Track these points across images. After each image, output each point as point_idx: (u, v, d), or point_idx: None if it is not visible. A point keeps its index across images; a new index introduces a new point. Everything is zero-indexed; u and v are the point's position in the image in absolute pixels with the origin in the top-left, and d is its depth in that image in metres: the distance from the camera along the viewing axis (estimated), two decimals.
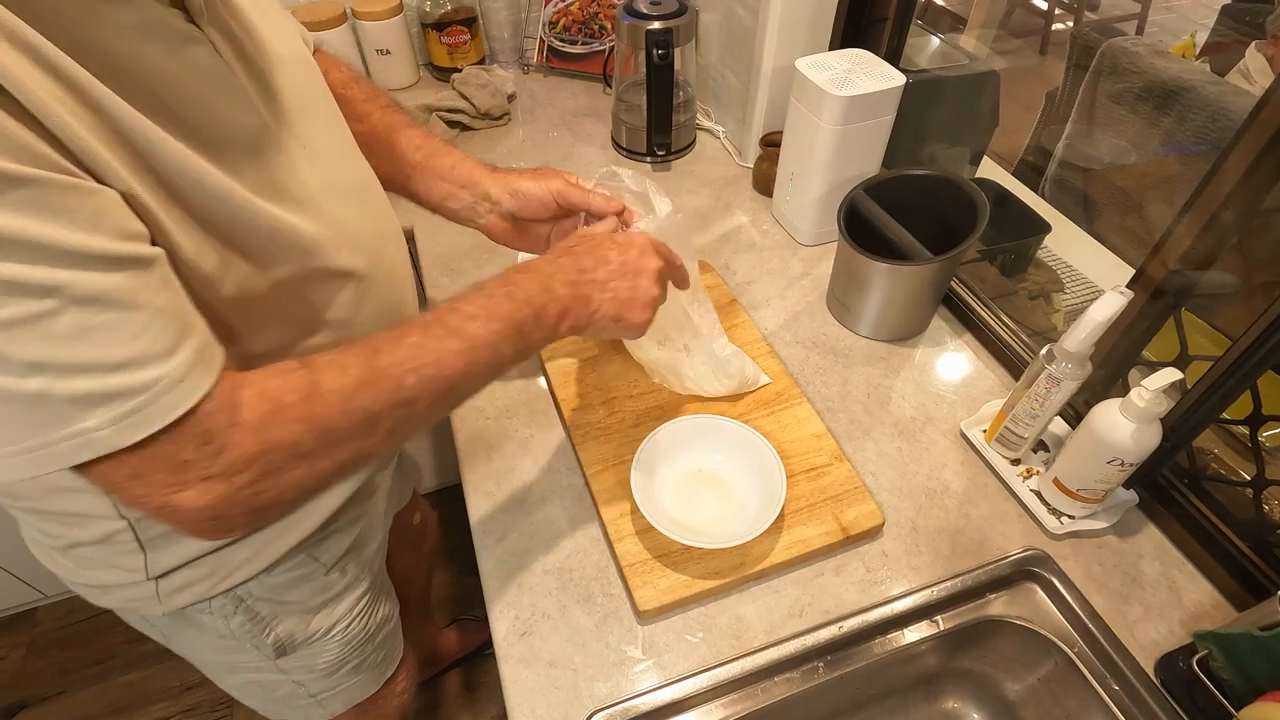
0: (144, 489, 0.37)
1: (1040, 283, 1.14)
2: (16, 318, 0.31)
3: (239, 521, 0.41)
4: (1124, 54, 1.62)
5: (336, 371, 0.42)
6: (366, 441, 0.44)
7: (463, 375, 0.46)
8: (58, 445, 0.34)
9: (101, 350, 0.33)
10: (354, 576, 0.70)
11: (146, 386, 0.35)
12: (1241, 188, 0.57)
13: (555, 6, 1.30)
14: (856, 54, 0.88)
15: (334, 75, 0.67)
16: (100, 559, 0.54)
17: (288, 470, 0.41)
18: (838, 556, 0.66)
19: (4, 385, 0.32)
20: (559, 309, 0.52)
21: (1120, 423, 0.60)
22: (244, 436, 0.38)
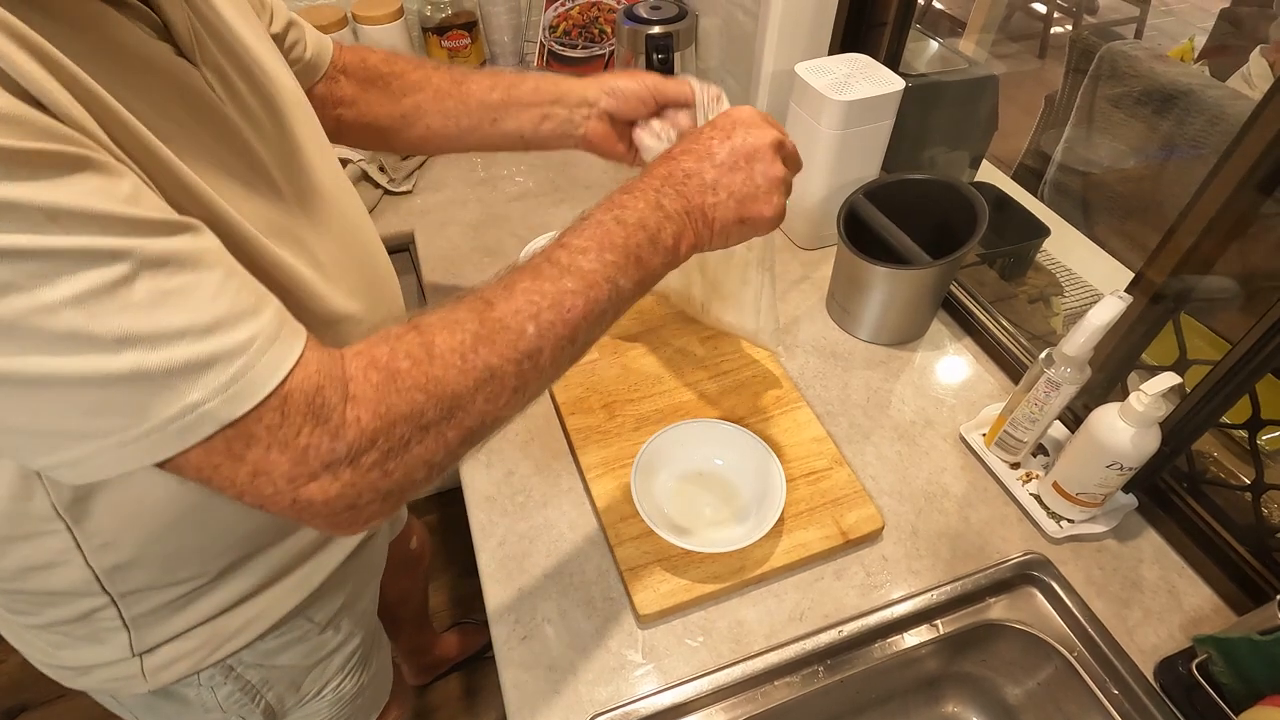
0: (270, 486, 0.34)
1: (1040, 286, 1.14)
2: (92, 289, 0.29)
3: (375, 509, 0.37)
4: (1123, 58, 1.63)
5: (450, 329, 0.38)
6: (494, 403, 0.39)
7: (584, 316, 0.41)
8: (166, 428, 0.31)
9: (187, 313, 0.31)
10: (347, 633, 0.67)
11: (244, 346, 0.32)
12: (1240, 192, 0.57)
13: (555, 10, 1.30)
14: (856, 59, 0.88)
15: (373, 57, 0.66)
16: (80, 638, 0.50)
17: (414, 444, 0.37)
18: (838, 560, 0.66)
19: (96, 366, 0.29)
20: (675, 228, 0.45)
21: (1119, 427, 0.60)
22: (362, 411, 0.35)
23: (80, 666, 0.53)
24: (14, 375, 0.29)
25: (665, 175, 0.46)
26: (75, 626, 0.50)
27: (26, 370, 0.29)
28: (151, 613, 0.50)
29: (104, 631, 0.50)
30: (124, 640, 0.51)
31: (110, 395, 0.30)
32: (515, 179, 1.11)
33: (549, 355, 0.41)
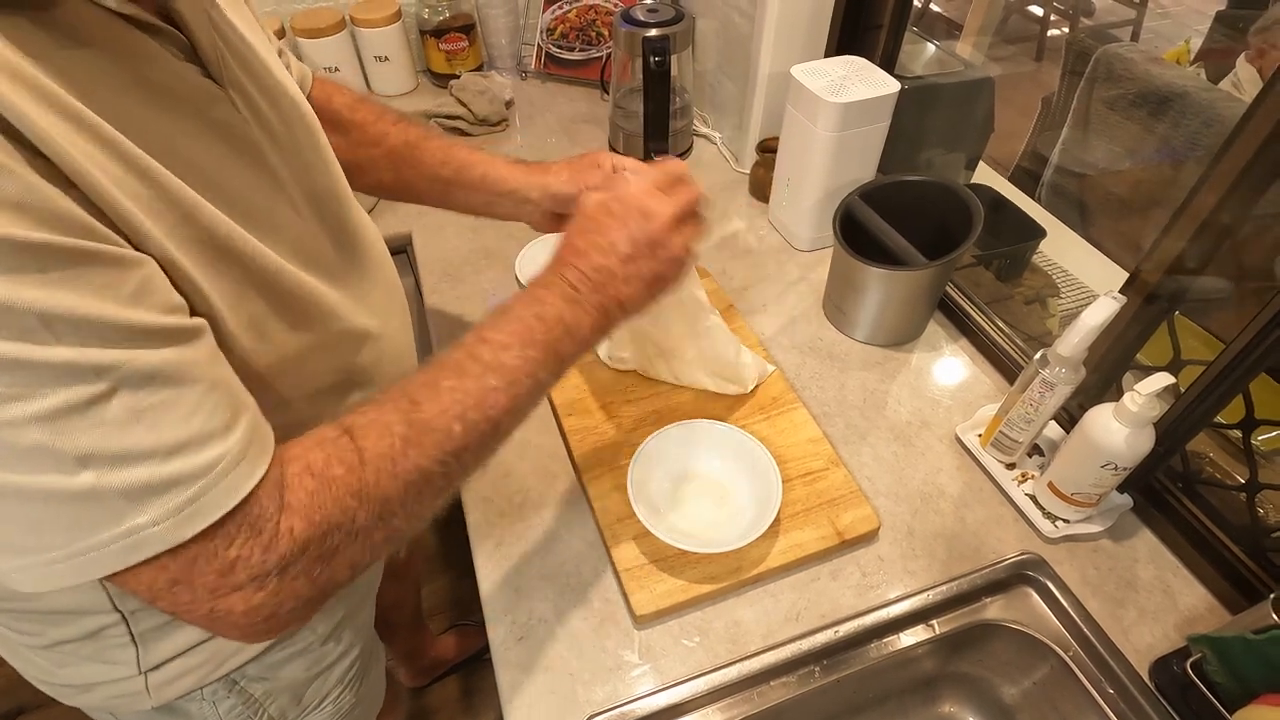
0: (188, 595, 0.33)
1: (1035, 287, 1.15)
2: (65, 405, 0.28)
3: (293, 616, 0.37)
4: (1119, 60, 1.63)
5: (379, 433, 0.39)
6: (420, 503, 0.41)
7: (507, 411, 0.43)
8: (107, 548, 0.30)
9: (157, 433, 0.31)
10: (348, 644, 0.68)
11: (207, 469, 0.32)
12: (1232, 194, 0.58)
13: (553, 13, 1.31)
14: (852, 61, 0.89)
15: (338, 99, 0.67)
16: (85, 656, 0.50)
17: (343, 550, 0.37)
18: (834, 561, 0.67)
19: (51, 484, 0.29)
20: (591, 321, 0.48)
21: (1114, 427, 0.60)
22: (295, 521, 0.35)
23: (83, 684, 0.52)
24: None
25: (579, 273, 0.48)
26: (81, 645, 0.49)
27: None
28: (160, 628, 0.50)
29: (111, 649, 0.50)
30: (131, 656, 0.50)
31: (57, 512, 0.29)
32: None
33: (473, 451, 0.42)
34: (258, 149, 0.43)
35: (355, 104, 0.68)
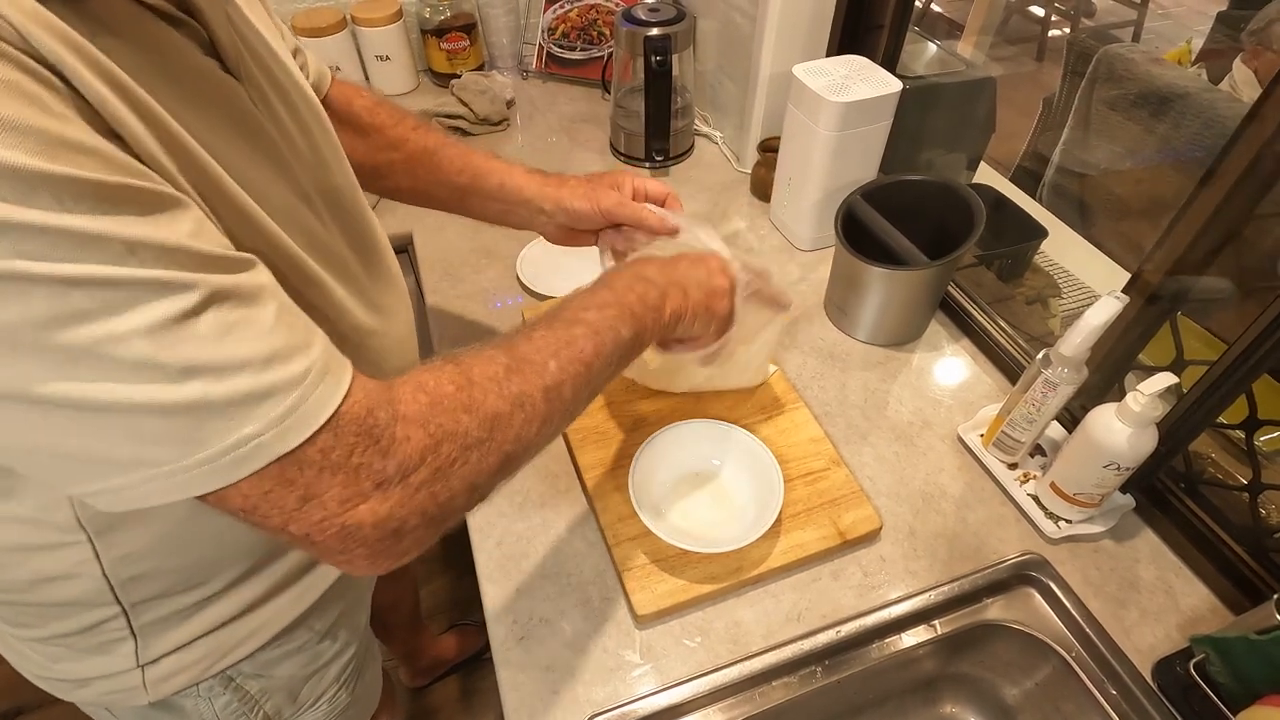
0: (319, 511, 0.34)
1: (1037, 287, 1.15)
2: (163, 319, 0.29)
3: (417, 535, 0.38)
4: (1120, 60, 1.63)
5: (484, 361, 0.41)
6: (527, 429, 0.42)
7: (594, 356, 0.46)
8: (222, 458, 0.31)
9: (248, 346, 0.32)
10: (344, 643, 0.67)
11: (299, 379, 0.33)
12: (1235, 195, 0.57)
13: (554, 13, 1.30)
14: (853, 60, 0.89)
15: (358, 102, 0.67)
16: (82, 649, 0.50)
17: (459, 464, 0.38)
18: (835, 561, 0.66)
19: (161, 395, 0.29)
20: (658, 293, 0.52)
21: (1116, 427, 0.60)
22: (411, 430, 0.36)
23: (79, 679, 0.52)
24: (78, 400, 0.29)
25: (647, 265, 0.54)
26: (79, 638, 0.50)
27: (91, 396, 0.28)
28: (159, 621, 0.50)
29: (109, 643, 0.50)
30: (129, 650, 0.51)
31: (170, 424, 0.30)
32: None
33: (569, 389, 0.44)
34: (274, 145, 0.44)
35: (375, 107, 0.68)
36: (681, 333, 0.55)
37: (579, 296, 0.49)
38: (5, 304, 0.26)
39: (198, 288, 0.30)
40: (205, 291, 0.31)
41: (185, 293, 0.30)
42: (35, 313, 0.27)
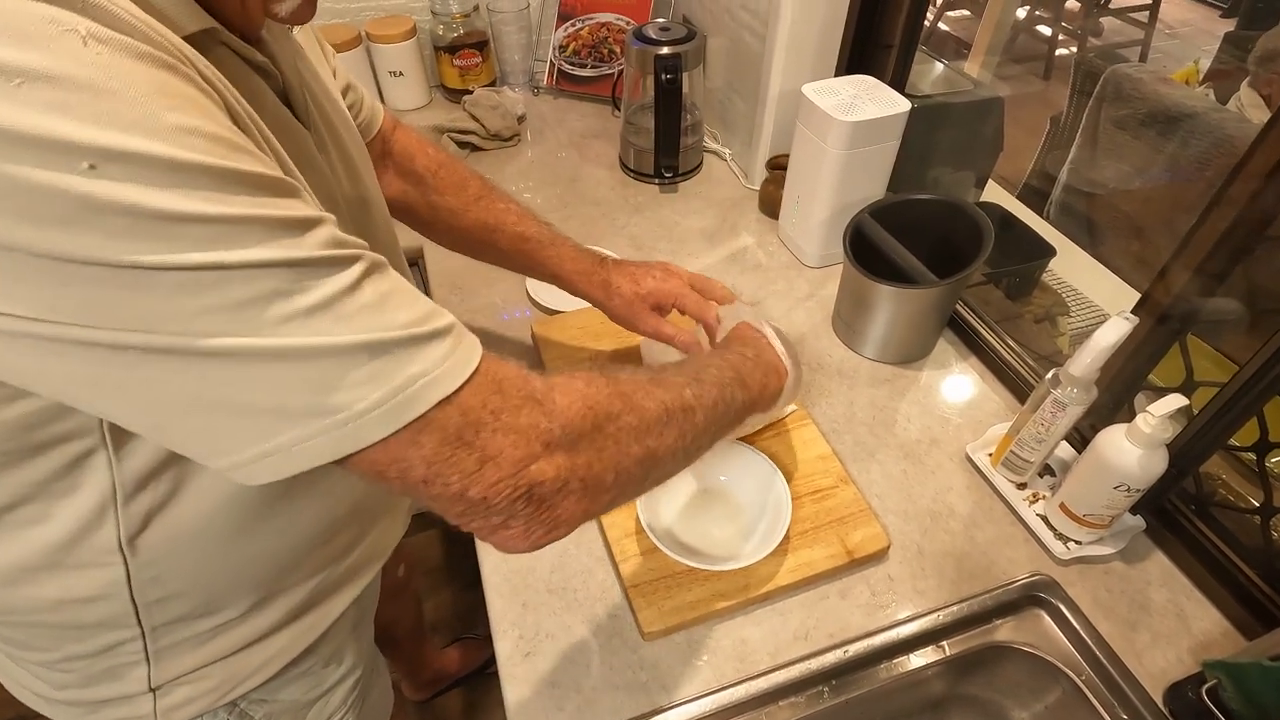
0: (496, 472, 0.35)
1: (1045, 306, 1.15)
2: (343, 284, 0.32)
3: (576, 508, 0.39)
4: (1127, 80, 1.64)
5: (625, 371, 0.45)
6: (666, 435, 0.44)
7: (717, 402, 0.49)
8: (395, 397, 0.32)
9: (406, 307, 0.34)
10: (349, 666, 0.67)
11: (448, 329, 0.35)
12: (1244, 217, 0.58)
13: (566, 31, 1.32)
14: (862, 80, 0.89)
15: (420, 161, 0.70)
16: (94, 674, 0.49)
17: (612, 445, 0.40)
18: (843, 579, 0.66)
19: (347, 340, 0.31)
20: (750, 367, 0.57)
21: (1126, 448, 0.60)
22: (571, 400, 0.39)
23: (88, 702, 0.51)
24: (267, 349, 0.30)
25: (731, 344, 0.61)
26: (92, 661, 0.49)
27: (275, 344, 0.30)
28: (175, 645, 0.50)
29: (122, 666, 0.49)
30: (142, 674, 0.50)
31: (345, 366, 0.31)
32: (523, 195, 1.12)
33: (701, 417, 0.47)
34: (329, 186, 0.47)
35: (437, 169, 0.71)
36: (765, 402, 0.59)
37: (692, 363, 0.54)
38: (201, 286, 0.28)
39: (357, 261, 0.33)
40: (364, 266, 0.33)
41: (349, 266, 0.32)
42: (232, 290, 0.29)
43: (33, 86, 0.24)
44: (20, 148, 0.24)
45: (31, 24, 0.25)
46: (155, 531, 0.44)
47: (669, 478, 0.48)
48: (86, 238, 0.26)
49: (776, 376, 0.59)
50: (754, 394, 0.55)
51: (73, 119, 0.25)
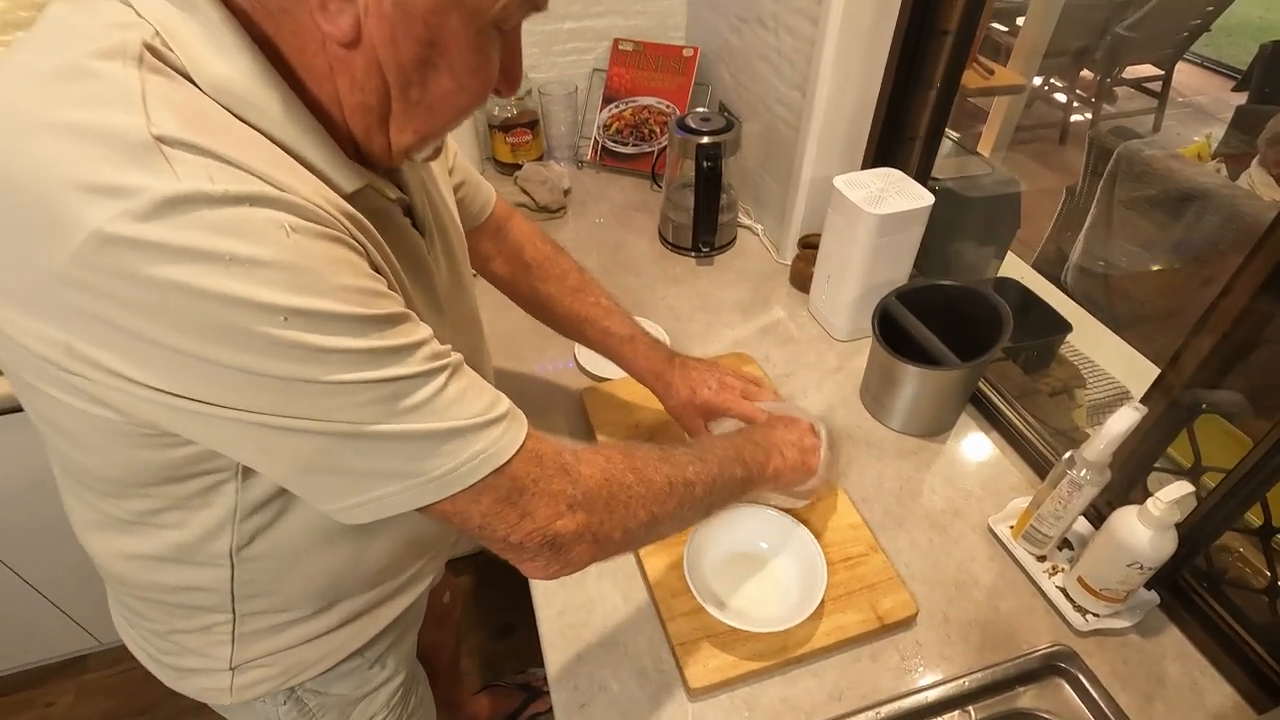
0: (531, 524, 0.47)
1: (1063, 379, 1.20)
2: (433, 389, 0.42)
3: (590, 552, 0.50)
4: (1139, 158, 1.71)
5: (642, 449, 0.56)
6: (668, 501, 0.55)
7: (716, 478, 0.60)
8: (461, 468, 0.43)
9: (476, 400, 0.44)
10: (392, 670, 0.75)
11: (503, 415, 0.46)
12: (1258, 300, 0.62)
13: (610, 112, 1.43)
14: (889, 174, 0.97)
15: (529, 252, 0.81)
16: (191, 647, 0.60)
17: (621, 509, 0.51)
18: (874, 644, 0.71)
19: (432, 427, 0.42)
20: (764, 452, 0.67)
21: (1138, 529, 0.65)
22: (592, 471, 0.50)
23: (183, 669, 0.63)
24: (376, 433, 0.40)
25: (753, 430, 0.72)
26: (190, 637, 0.60)
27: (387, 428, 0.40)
28: (255, 633, 0.60)
29: (213, 644, 0.60)
30: (226, 654, 0.60)
31: (434, 445, 0.42)
32: None
33: (700, 489, 0.58)
34: (432, 278, 0.56)
35: (544, 260, 0.82)
36: (782, 486, 0.70)
37: (712, 443, 0.65)
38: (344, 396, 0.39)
39: (446, 369, 0.43)
40: (449, 371, 0.43)
41: (440, 374, 0.43)
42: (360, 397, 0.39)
43: (256, 268, 0.35)
44: (243, 308, 0.35)
45: (259, 225, 0.35)
46: (258, 545, 0.54)
47: (670, 535, 0.59)
48: (275, 362, 0.37)
49: (780, 456, 0.68)
50: (752, 472, 0.65)
51: (277, 289, 0.35)
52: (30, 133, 0.33)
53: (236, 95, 0.37)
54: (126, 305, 0.34)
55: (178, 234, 0.33)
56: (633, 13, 1.43)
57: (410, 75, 0.40)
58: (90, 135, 0.33)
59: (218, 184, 0.34)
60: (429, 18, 0.38)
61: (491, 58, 0.43)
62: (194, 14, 0.36)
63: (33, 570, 1.26)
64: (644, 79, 1.42)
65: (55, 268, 0.33)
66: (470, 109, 0.45)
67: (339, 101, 0.41)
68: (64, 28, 0.37)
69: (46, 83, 0.34)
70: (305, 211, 0.37)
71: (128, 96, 0.34)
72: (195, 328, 0.34)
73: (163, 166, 0.33)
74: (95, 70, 0.34)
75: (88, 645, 1.46)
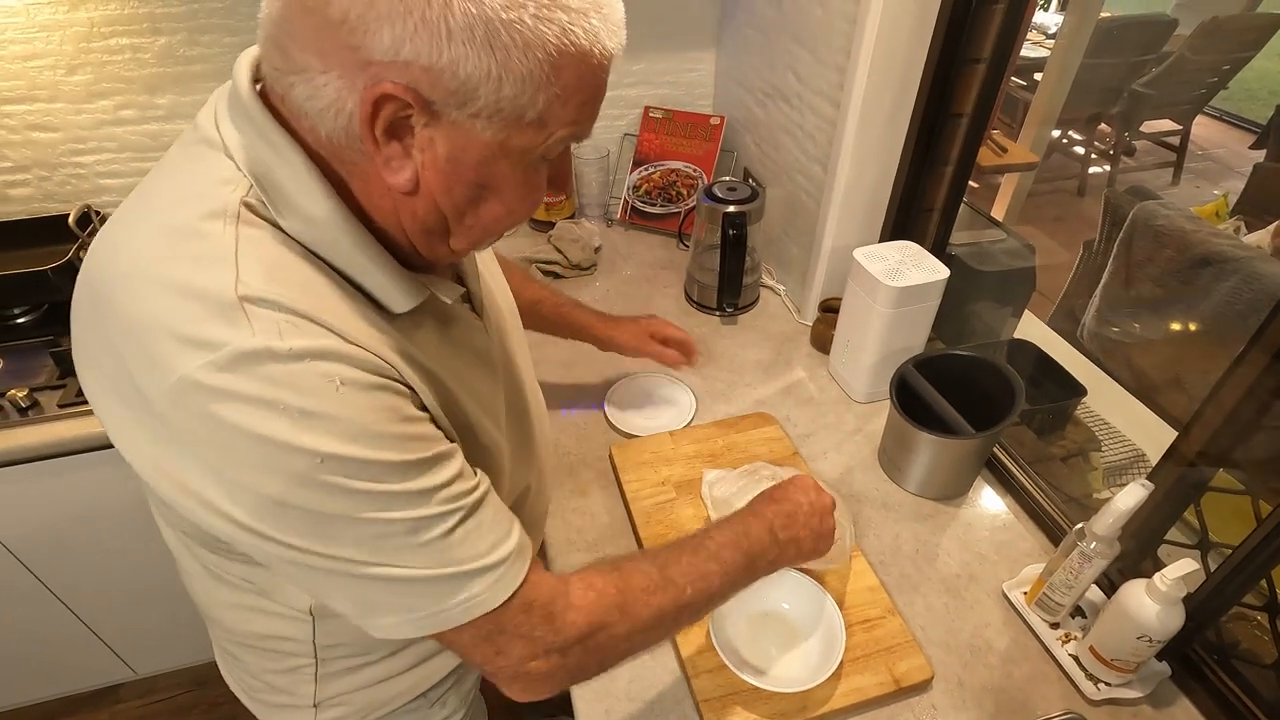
0: (505, 660, 0.50)
1: (1078, 442, 1.22)
2: (443, 530, 0.46)
3: (559, 682, 0.53)
4: (1155, 218, 1.74)
5: (641, 575, 0.56)
6: (654, 633, 0.57)
7: (719, 589, 0.61)
8: (456, 609, 0.47)
9: (480, 543, 0.48)
10: (452, 709, 0.79)
11: (502, 560, 0.49)
12: (1266, 377, 0.64)
13: (640, 174, 1.51)
14: (907, 246, 1.03)
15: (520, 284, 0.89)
16: (280, 686, 0.67)
17: (603, 649, 0.54)
18: (891, 706, 0.74)
19: (428, 574, 0.46)
20: (777, 552, 0.66)
21: (1146, 603, 0.68)
22: (577, 617, 0.52)
23: (272, 705, 0.69)
24: (381, 576, 0.45)
25: (778, 513, 0.68)
26: (279, 677, 0.66)
27: (391, 572, 0.45)
28: (335, 674, 0.65)
29: (298, 683, 0.66)
30: (310, 692, 0.66)
31: (428, 590, 0.46)
32: None
33: (695, 609, 0.59)
34: (490, 358, 0.60)
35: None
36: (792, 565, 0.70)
37: (726, 531, 0.64)
38: (360, 529, 0.43)
39: (458, 511, 0.47)
40: (461, 514, 0.47)
41: (452, 516, 0.46)
42: (371, 531, 0.44)
43: (304, 417, 0.40)
44: (289, 450, 0.40)
45: (313, 380, 0.40)
46: None
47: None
48: (305, 495, 0.41)
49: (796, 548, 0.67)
50: (759, 570, 0.65)
51: (319, 434, 0.40)
52: (149, 283, 0.40)
53: (315, 234, 0.44)
54: (197, 437, 0.40)
55: (248, 385, 0.39)
56: (663, 83, 1.51)
57: (464, 210, 0.46)
58: (190, 294, 0.40)
59: (285, 340, 0.40)
60: (480, 167, 0.43)
61: (539, 183, 0.48)
62: (285, 164, 0.43)
63: (78, 600, 1.32)
64: (672, 144, 1.49)
65: (151, 396, 0.40)
66: (523, 220, 0.50)
67: (403, 229, 0.47)
68: (183, 181, 0.45)
69: (168, 239, 0.42)
70: (357, 362, 0.42)
71: (224, 257, 0.40)
72: (244, 460, 0.40)
73: (243, 323, 0.39)
74: (203, 231, 0.41)
75: (122, 675, 1.51)
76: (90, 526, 1.21)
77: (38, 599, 1.28)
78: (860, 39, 0.96)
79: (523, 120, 0.42)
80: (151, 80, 1.25)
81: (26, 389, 1.09)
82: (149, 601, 1.35)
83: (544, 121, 0.42)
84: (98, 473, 1.13)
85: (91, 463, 1.11)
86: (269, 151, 0.43)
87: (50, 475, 1.11)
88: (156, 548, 1.27)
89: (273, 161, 0.43)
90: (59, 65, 1.20)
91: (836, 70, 1.04)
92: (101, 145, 1.29)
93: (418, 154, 0.42)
